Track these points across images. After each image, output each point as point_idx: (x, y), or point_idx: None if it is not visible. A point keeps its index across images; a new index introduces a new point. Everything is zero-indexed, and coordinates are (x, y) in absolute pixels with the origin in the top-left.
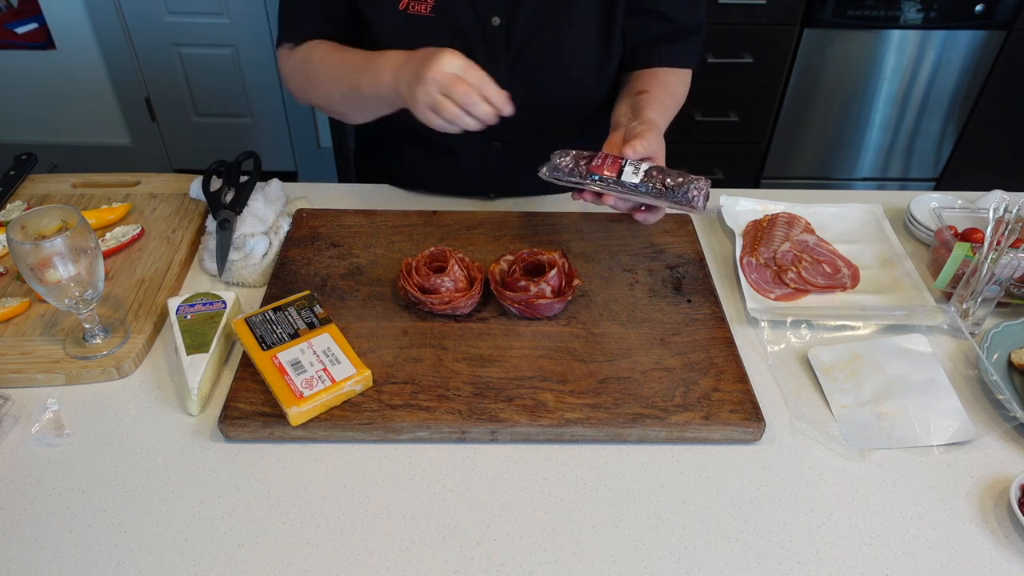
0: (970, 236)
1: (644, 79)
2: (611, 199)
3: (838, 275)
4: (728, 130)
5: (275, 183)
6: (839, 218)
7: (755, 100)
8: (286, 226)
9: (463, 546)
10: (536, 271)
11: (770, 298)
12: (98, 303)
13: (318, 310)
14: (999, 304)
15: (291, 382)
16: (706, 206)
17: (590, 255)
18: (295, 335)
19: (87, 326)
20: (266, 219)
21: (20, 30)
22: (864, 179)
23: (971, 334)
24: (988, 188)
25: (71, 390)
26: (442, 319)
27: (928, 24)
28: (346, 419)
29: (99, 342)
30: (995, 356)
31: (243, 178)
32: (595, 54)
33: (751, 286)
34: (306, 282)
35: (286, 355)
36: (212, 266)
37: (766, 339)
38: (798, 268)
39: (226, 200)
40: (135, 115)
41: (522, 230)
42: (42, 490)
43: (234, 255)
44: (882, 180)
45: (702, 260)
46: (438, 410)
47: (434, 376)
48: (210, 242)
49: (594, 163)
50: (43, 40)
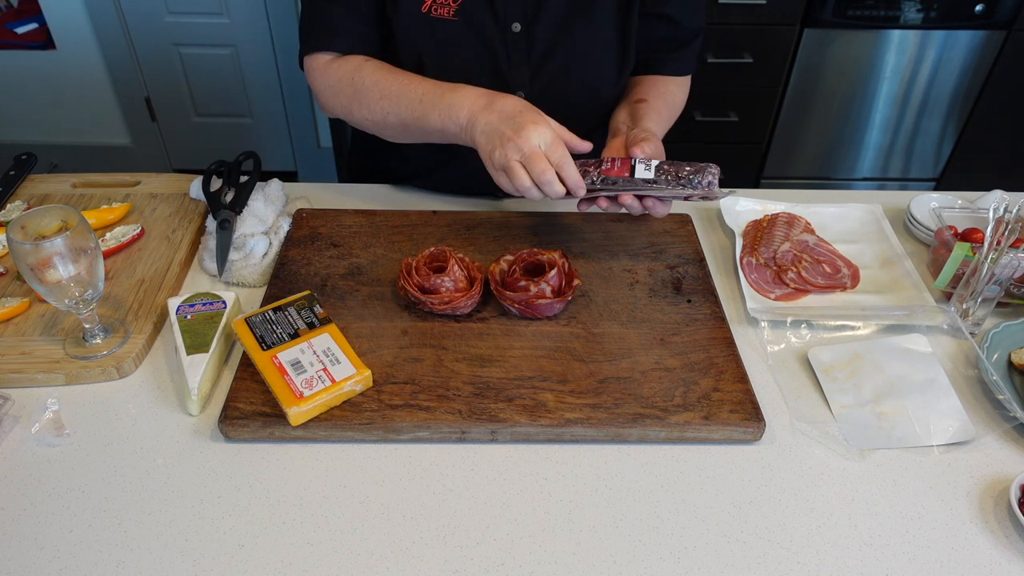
0: (970, 236)
1: (644, 87)
2: (627, 198)
3: (838, 275)
4: (728, 130)
5: (275, 183)
6: (839, 218)
7: (755, 100)
8: (286, 226)
9: (463, 546)
10: (536, 271)
11: (770, 298)
12: (98, 303)
13: (318, 310)
14: (999, 304)
15: (291, 382)
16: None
17: (590, 255)
18: (295, 335)
19: (87, 326)
20: (266, 219)
21: (20, 30)
22: (864, 179)
23: (971, 334)
24: (988, 188)
25: (71, 390)
26: (442, 319)
27: (928, 24)
28: (346, 419)
29: (99, 342)
30: (995, 356)
31: (243, 178)
32: (614, 60)
33: (751, 286)
34: (306, 282)
35: (286, 355)
36: (212, 266)
37: (766, 339)
38: (798, 268)
39: (226, 200)
40: (135, 115)
41: (522, 230)
42: (42, 490)
43: (234, 255)
44: (882, 180)
45: (702, 260)
46: (438, 410)
47: (434, 376)
48: (210, 242)
49: (604, 167)
50: (43, 40)
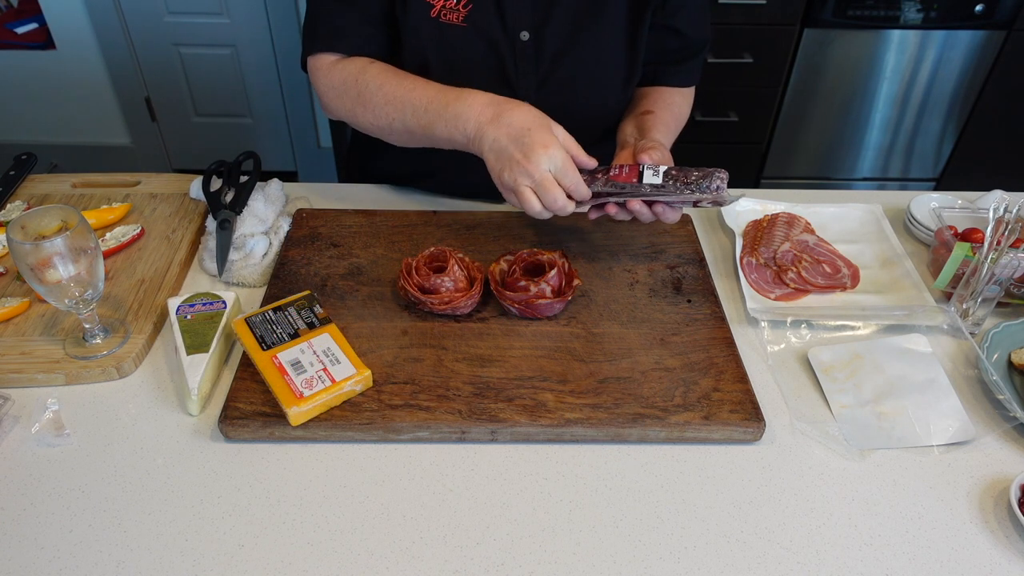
0: (970, 236)
1: (650, 98)
2: (636, 204)
3: (838, 275)
4: (728, 130)
5: (275, 183)
6: (839, 218)
7: (755, 100)
8: (286, 226)
9: (463, 546)
10: (536, 271)
11: (770, 298)
12: (98, 303)
13: (318, 310)
14: (999, 304)
15: (291, 382)
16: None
17: (590, 255)
18: (295, 335)
19: (87, 326)
20: (266, 219)
21: (20, 30)
22: (864, 179)
23: (971, 334)
24: (988, 188)
25: (71, 390)
26: (442, 319)
27: (928, 24)
28: (346, 419)
29: (99, 342)
30: (995, 356)
31: (243, 178)
32: (622, 71)
33: (751, 286)
34: (306, 282)
35: (286, 355)
36: (212, 266)
37: (766, 339)
38: (798, 268)
39: (226, 200)
40: (135, 115)
41: (522, 230)
42: (42, 490)
43: (234, 255)
44: (882, 180)
45: (702, 260)
46: (438, 410)
47: (434, 376)
48: (210, 242)
49: (612, 173)
50: (43, 40)
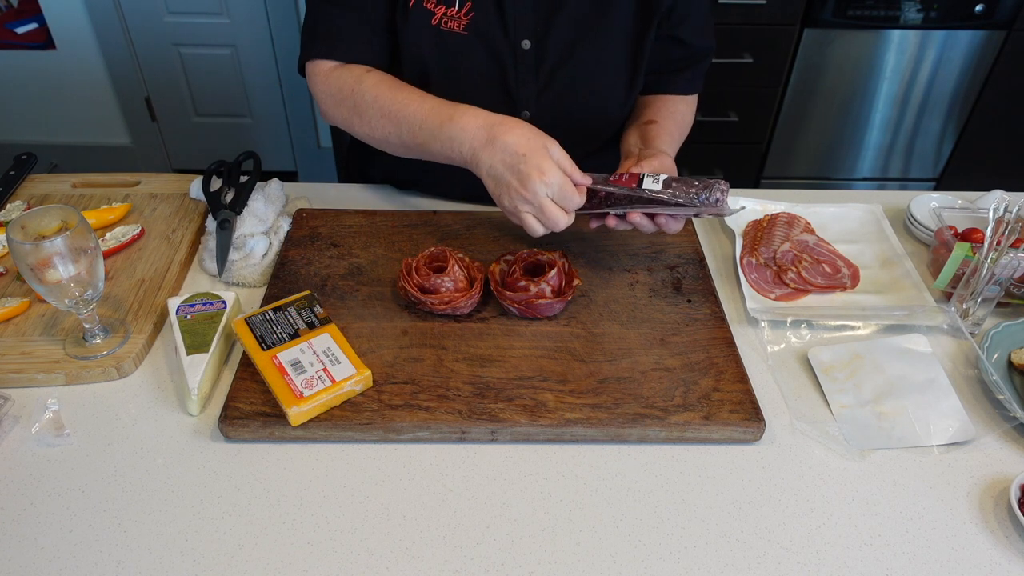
0: (970, 236)
1: (653, 107)
2: (636, 216)
3: (838, 275)
4: (728, 130)
5: (275, 183)
6: (839, 218)
7: (755, 100)
8: (286, 226)
9: (463, 546)
10: (536, 271)
11: (770, 298)
12: (98, 303)
13: (318, 310)
14: (999, 304)
15: (291, 382)
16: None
17: (590, 255)
18: (295, 335)
19: (87, 326)
20: (266, 219)
21: (20, 30)
22: (864, 179)
23: (971, 334)
24: (988, 188)
25: (71, 390)
26: (442, 319)
27: (928, 24)
28: (346, 419)
29: (99, 342)
30: (995, 356)
31: (243, 178)
32: (623, 80)
33: (751, 286)
34: (306, 282)
35: (286, 355)
36: (212, 266)
37: (766, 339)
38: (798, 268)
39: (226, 200)
40: (135, 115)
41: (522, 230)
42: (42, 490)
43: (234, 255)
44: (882, 180)
45: (702, 260)
46: (438, 410)
47: (434, 376)
48: (210, 242)
49: (612, 178)
50: (43, 40)
